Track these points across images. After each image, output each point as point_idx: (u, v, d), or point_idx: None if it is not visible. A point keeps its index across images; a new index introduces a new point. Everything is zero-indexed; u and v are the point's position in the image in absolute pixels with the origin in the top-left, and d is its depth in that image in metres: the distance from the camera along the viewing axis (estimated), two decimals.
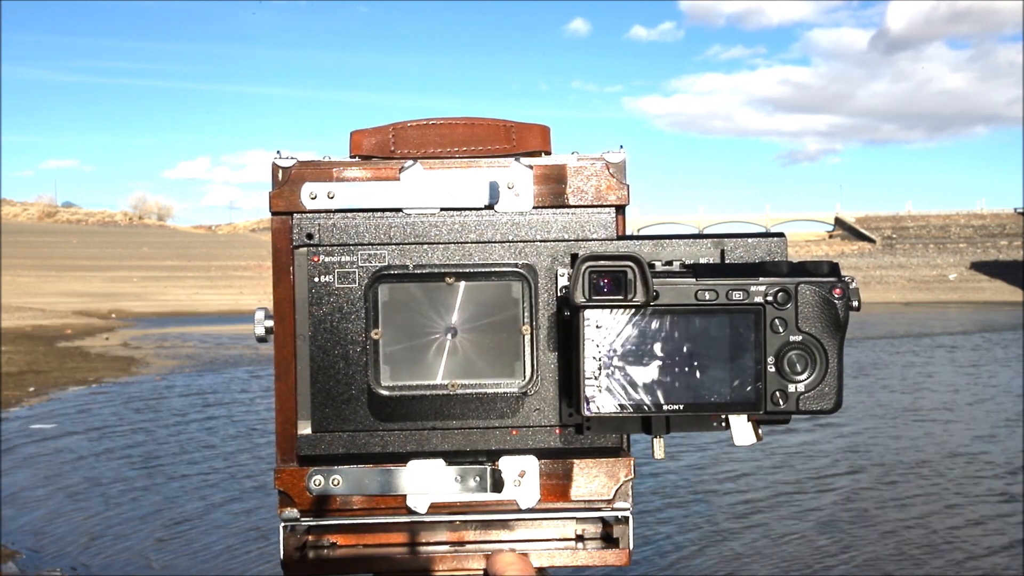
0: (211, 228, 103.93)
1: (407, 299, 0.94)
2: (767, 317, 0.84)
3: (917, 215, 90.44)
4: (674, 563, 7.37)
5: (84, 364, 21.43)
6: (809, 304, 0.84)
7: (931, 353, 25.09)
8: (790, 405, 0.84)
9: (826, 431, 12.75)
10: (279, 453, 0.99)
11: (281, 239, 0.99)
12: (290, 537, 0.97)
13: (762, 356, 0.84)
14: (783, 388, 0.84)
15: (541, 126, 0.98)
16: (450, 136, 0.99)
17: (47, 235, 76.30)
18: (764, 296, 0.84)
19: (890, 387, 17.94)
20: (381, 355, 0.93)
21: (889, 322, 37.18)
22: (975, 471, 10.65)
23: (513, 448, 0.95)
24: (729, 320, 0.85)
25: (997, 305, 56.04)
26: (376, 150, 0.99)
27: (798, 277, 0.84)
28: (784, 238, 0.93)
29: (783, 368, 0.84)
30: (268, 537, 8.01)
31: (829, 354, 0.84)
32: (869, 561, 7.51)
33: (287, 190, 0.99)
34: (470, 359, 0.93)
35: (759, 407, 0.84)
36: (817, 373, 0.84)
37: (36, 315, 37.05)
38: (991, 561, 7.50)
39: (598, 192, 0.96)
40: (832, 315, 0.84)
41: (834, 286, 0.84)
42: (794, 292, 0.84)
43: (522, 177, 0.96)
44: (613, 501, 0.96)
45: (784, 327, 0.84)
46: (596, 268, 0.86)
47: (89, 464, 11.06)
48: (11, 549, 7.82)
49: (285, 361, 0.99)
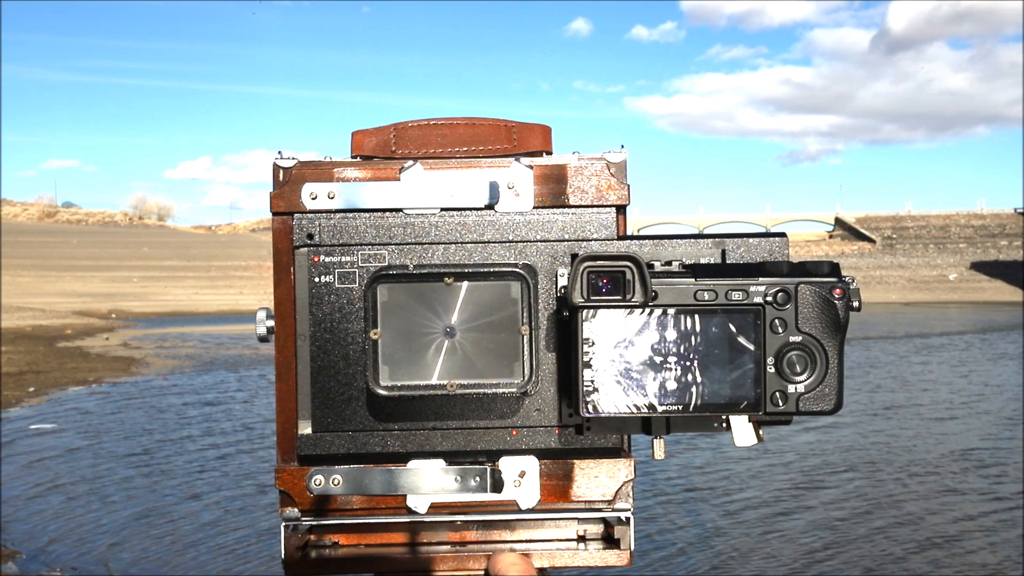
0: (211, 228, 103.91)
1: (406, 299, 0.93)
2: (767, 317, 0.84)
3: (917, 215, 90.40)
4: (670, 561, 7.36)
5: (84, 364, 21.42)
6: (809, 304, 0.83)
7: (931, 353, 25.08)
8: (790, 406, 0.84)
9: (825, 431, 12.74)
10: (280, 453, 0.99)
11: (282, 239, 0.99)
12: (291, 536, 0.97)
13: (762, 357, 0.84)
14: (783, 389, 0.84)
15: (542, 126, 0.98)
16: (451, 136, 0.98)
17: (47, 235, 76.28)
18: (764, 296, 0.84)
19: (885, 387, 17.94)
20: (380, 355, 0.93)
21: (889, 322, 37.17)
22: (974, 470, 10.65)
23: (513, 448, 0.95)
24: (728, 320, 0.84)
25: (997, 305, 56.01)
26: (377, 150, 0.99)
27: (798, 277, 0.84)
28: (786, 238, 0.93)
29: (783, 369, 0.84)
30: (266, 538, 8.01)
31: (829, 355, 0.84)
32: (869, 561, 7.51)
33: (288, 190, 0.99)
34: (469, 359, 0.93)
35: (759, 408, 0.84)
36: (817, 374, 0.84)
37: (36, 315, 37.04)
38: (992, 561, 7.50)
39: (599, 192, 0.95)
40: (832, 316, 0.83)
41: (834, 286, 0.83)
42: (794, 292, 0.83)
43: (522, 177, 0.96)
44: (614, 502, 0.96)
45: (784, 328, 0.83)
46: (594, 268, 0.85)
47: (89, 464, 11.05)
48: (11, 549, 7.82)
49: (286, 361, 0.99)
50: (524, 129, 0.98)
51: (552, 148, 0.98)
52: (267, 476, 10.26)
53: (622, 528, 0.96)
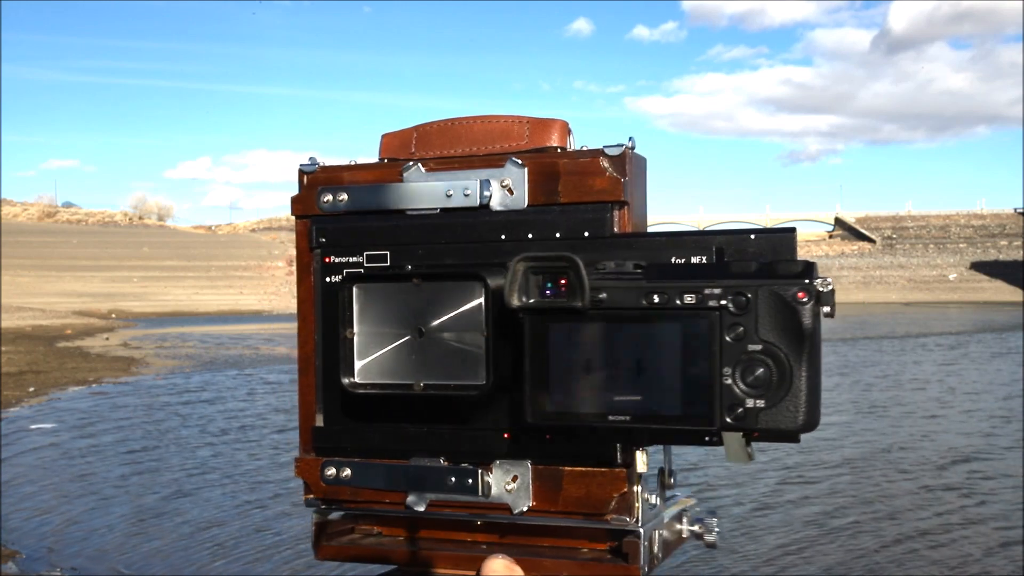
0: (211, 228, 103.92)
1: (381, 299, 0.95)
2: (723, 323, 0.74)
3: (917, 215, 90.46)
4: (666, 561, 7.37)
5: (84, 364, 21.44)
6: (769, 309, 0.73)
7: (930, 353, 25.10)
8: (748, 422, 0.74)
9: (827, 431, 12.74)
10: (301, 443, 1.03)
11: (302, 241, 1.02)
12: (318, 522, 1.01)
13: (717, 367, 0.75)
14: (740, 403, 0.74)
15: (560, 121, 0.96)
16: (467, 135, 0.98)
17: (47, 235, 76.32)
18: (719, 300, 0.74)
19: (877, 387, 17.95)
20: (355, 353, 0.95)
21: (889, 322, 37.19)
22: (968, 469, 10.66)
23: (505, 452, 0.94)
24: (681, 326, 0.75)
25: (997, 305, 56.04)
26: (400, 152, 1.00)
27: (762, 279, 0.74)
28: (794, 233, 0.83)
29: (741, 381, 0.74)
30: (263, 535, 8.02)
31: (794, 367, 0.73)
32: (868, 560, 7.51)
33: (306, 194, 1.02)
34: (443, 360, 0.92)
35: (712, 422, 0.75)
36: (780, 388, 0.73)
37: (36, 315, 37.07)
38: (988, 561, 7.51)
39: (592, 188, 0.92)
40: (794, 322, 0.72)
41: (798, 289, 0.72)
42: (754, 296, 0.73)
43: (517, 175, 0.95)
44: (610, 512, 0.91)
45: (743, 335, 0.74)
46: (532, 268, 0.81)
47: (89, 464, 11.06)
48: (11, 549, 7.82)
49: (306, 356, 1.02)
50: (539, 125, 0.96)
51: (568, 144, 0.96)
52: (265, 475, 10.29)
53: (631, 542, 0.90)
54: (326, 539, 1.01)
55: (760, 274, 0.74)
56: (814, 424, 0.74)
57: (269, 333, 32.00)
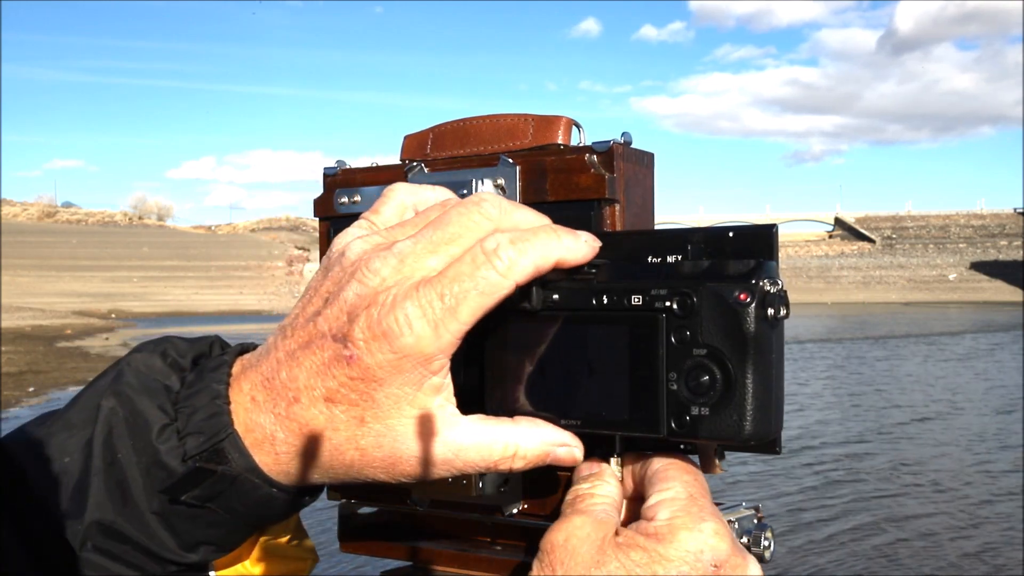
0: (211, 228, 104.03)
1: None
2: (668, 326, 0.71)
3: (917, 215, 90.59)
4: None
5: (84, 364, 21.45)
6: (712, 312, 0.69)
7: (930, 353, 25.12)
8: (691, 429, 0.70)
9: (826, 430, 12.76)
10: None
11: (323, 241, 1.05)
12: (343, 512, 1.02)
13: (662, 372, 0.71)
14: (685, 410, 0.70)
15: (565, 118, 0.94)
16: (476, 135, 0.99)
17: (47, 235, 76.48)
18: (664, 301, 0.71)
19: (877, 387, 17.97)
20: None
21: (889, 322, 37.24)
22: (970, 469, 10.68)
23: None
24: (628, 329, 0.72)
25: (997, 305, 56.16)
26: (416, 152, 1.01)
27: (707, 279, 0.70)
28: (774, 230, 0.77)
29: (686, 386, 0.70)
30: None
31: (738, 373, 0.69)
32: (866, 559, 7.53)
33: (326, 196, 1.04)
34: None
35: (658, 429, 0.71)
36: (724, 395, 0.69)
37: (36, 315, 37.13)
38: (989, 560, 7.52)
39: (579, 186, 0.90)
40: (737, 325, 0.68)
41: (740, 290, 0.68)
42: (699, 297, 0.70)
43: (509, 174, 0.96)
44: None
45: (687, 338, 0.70)
46: None
47: None
48: None
49: None
50: (543, 122, 0.95)
51: (576, 140, 0.93)
52: None
53: None
54: (350, 533, 1.02)
55: (707, 274, 0.70)
56: (766, 434, 0.69)
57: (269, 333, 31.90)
